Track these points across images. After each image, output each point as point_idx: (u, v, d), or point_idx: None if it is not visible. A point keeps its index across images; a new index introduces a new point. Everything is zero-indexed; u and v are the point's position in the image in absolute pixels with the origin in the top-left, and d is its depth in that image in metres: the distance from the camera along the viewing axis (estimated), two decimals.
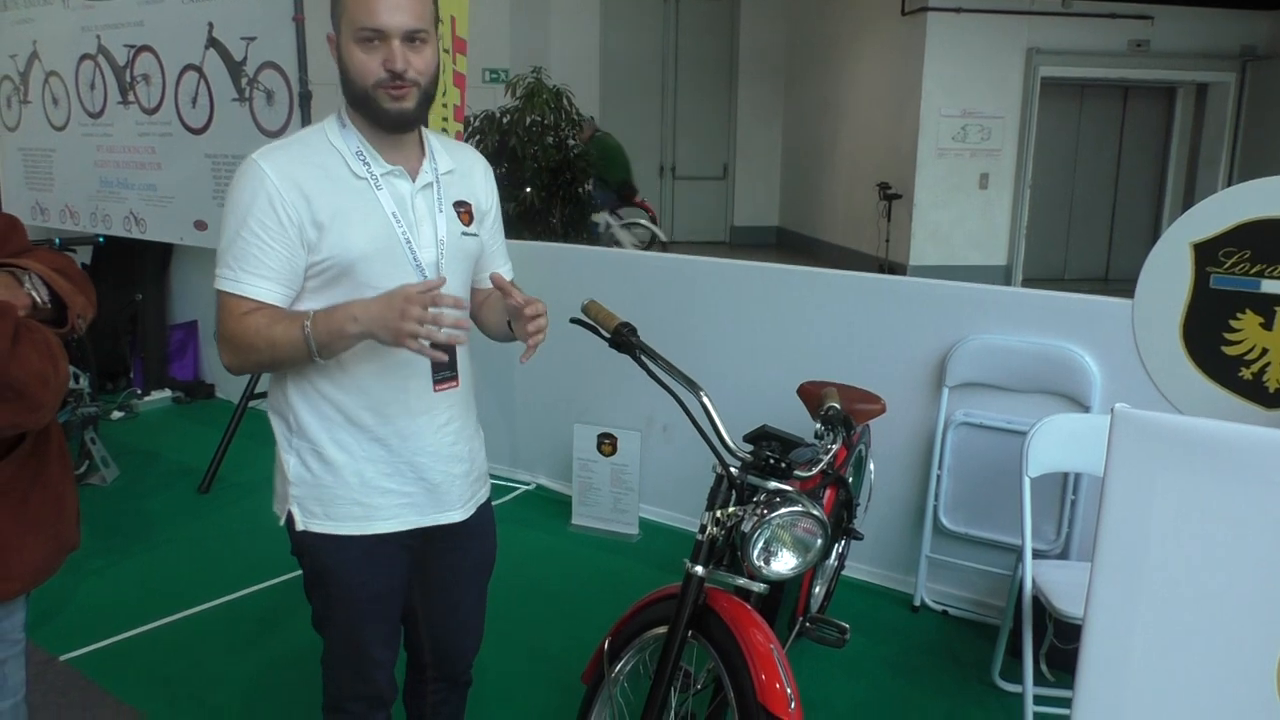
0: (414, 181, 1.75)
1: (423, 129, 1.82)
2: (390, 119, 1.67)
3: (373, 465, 1.76)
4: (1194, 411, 1.68)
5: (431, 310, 1.53)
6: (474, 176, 1.91)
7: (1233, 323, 1.66)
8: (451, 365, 1.81)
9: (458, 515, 1.87)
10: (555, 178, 8.03)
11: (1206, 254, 1.66)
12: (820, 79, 12.51)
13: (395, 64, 1.62)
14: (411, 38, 1.63)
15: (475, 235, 1.86)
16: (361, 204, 1.69)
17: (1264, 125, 10.17)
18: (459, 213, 1.83)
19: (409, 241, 1.72)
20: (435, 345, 1.55)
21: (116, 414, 5.46)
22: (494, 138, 7.84)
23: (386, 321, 1.54)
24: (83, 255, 5.65)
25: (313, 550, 1.80)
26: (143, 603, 3.37)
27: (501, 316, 1.85)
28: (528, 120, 7.88)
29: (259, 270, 1.64)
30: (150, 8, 4.85)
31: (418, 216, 1.75)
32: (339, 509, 1.76)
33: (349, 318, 1.59)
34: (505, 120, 7.91)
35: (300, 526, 1.78)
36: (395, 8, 1.61)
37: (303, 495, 1.77)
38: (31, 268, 1.53)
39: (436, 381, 1.79)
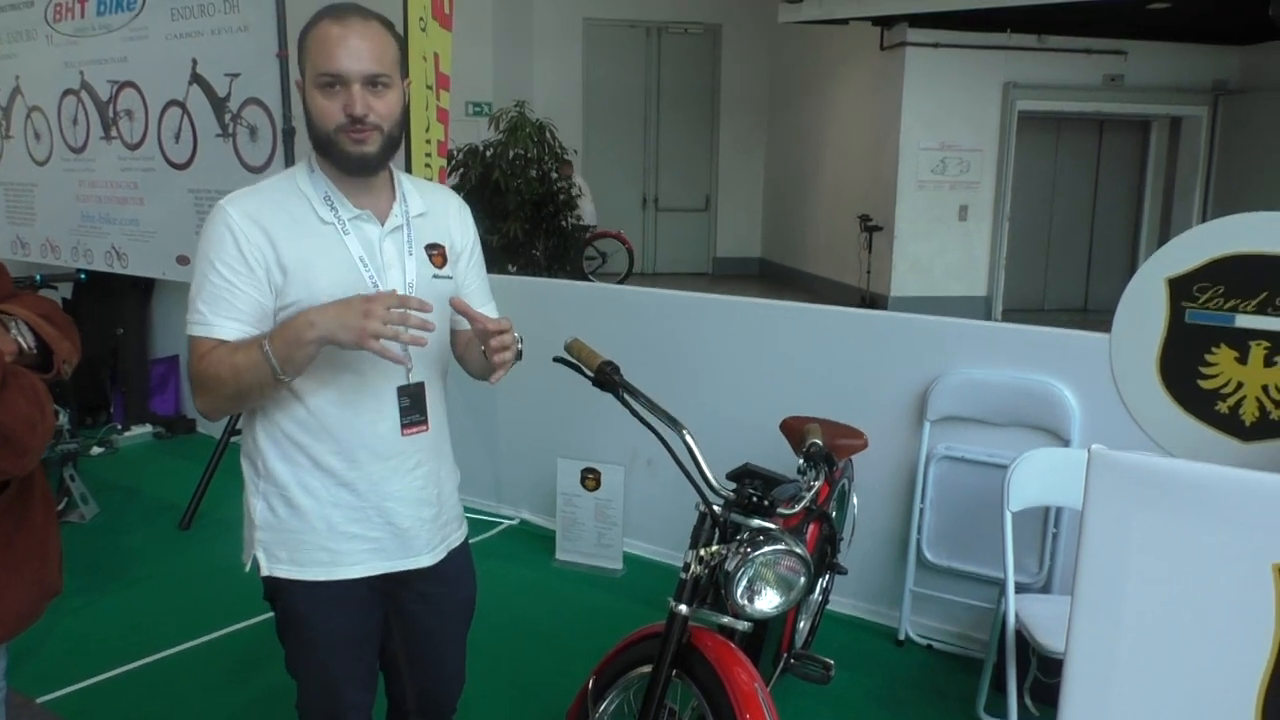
0: (383, 225, 1.75)
1: (395, 171, 1.82)
2: (351, 162, 1.67)
3: (339, 510, 1.75)
4: (1172, 445, 1.70)
5: (395, 310, 1.52)
6: (448, 218, 1.89)
7: (1208, 357, 1.69)
8: (420, 409, 1.79)
9: (426, 560, 1.85)
10: (538, 210, 8.07)
11: (1181, 289, 1.69)
12: (801, 112, 12.65)
13: (354, 109, 1.62)
14: (373, 82, 1.64)
15: (449, 278, 1.85)
16: (328, 248, 1.69)
17: (1236, 158, 10.34)
18: (431, 255, 1.82)
19: (376, 286, 1.71)
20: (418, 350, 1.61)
21: (96, 449, 5.42)
22: (477, 171, 7.89)
23: (346, 321, 1.53)
24: (64, 290, 5.62)
25: (282, 595, 1.79)
26: (122, 642, 3.33)
27: (480, 352, 1.83)
28: (511, 154, 7.95)
29: (228, 313, 1.64)
30: (134, 44, 4.86)
31: (386, 260, 1.74)
32: (304, 554, 1.75)
33: (306, 324, 1.56)
34: (489, 154, 7.97)
35: (265, 571, 1.77)
36: (354, 53, 1.61)
37: (268, 540, 1.77)
38: (17, 314, 1.53)
39: (405, 425, 1.78)
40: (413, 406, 1.78)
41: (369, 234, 1.73)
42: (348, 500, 1.75)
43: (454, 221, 1.91)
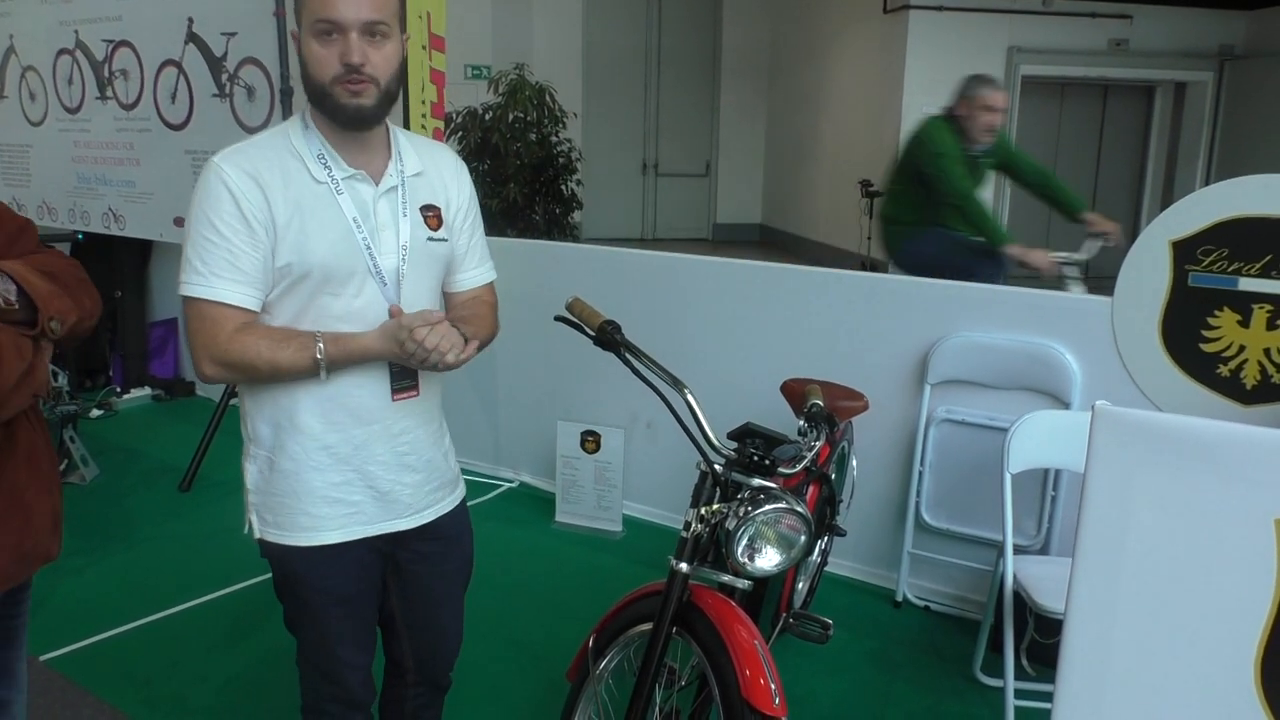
0: (377, 185, 1.72)
1: (392, 128, 1.79)
2: (346, 115, 1.64)
3: (320, 475, 1.74)
4: (1172, 408, 1.70)
5: (428, 342, 1.58)
6: (444, 177, 1.86)
7: (1210, 320, 1.68)
8: (411, 374, 1.78)
9: (405, 524, 1.84)
10: (538, 174, 8.03)
11: (1185, 252, 1.68)
12: (803, 76, 12.53)
13: (352, 57, 1.59)
14: (371, 31, 1.60)
15: (444, 240, 1.82)
16: (321, 209, 1.66)
17: (1241, 124, 10.26)
18: (426, 217, 1.79)
19: (369, 248, 1.69)
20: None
21: (96, 412, 5.42)
22: (476, 134, 7.84)
23: (395, 357, 1.65)
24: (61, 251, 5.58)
25: (276, 557, 1.79)
26: (123, 602, 3.35)
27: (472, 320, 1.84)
28: (510, 117, 7.88)
29: (230, 274, 1.61)
30: (129, 2, 4.80)
31: (380, 222, 1.72)
32: (288, 518, 1.75)
33: (361, 353, 1.65)
34: (488, 117, 7.91)
35: (256, 534, 1.78)
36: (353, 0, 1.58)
37: (259, 504, 1.78)
38: (5, 267, 1.50)
39: (395, 390, 1.77)
40: (404, 371, 1.76)
41: (363, 194, 1.71)
42: (328, 464, 1.74)
43: (450, 181, 1.87)
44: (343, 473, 1.75)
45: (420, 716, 2.08)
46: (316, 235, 1.65)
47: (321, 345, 1.62)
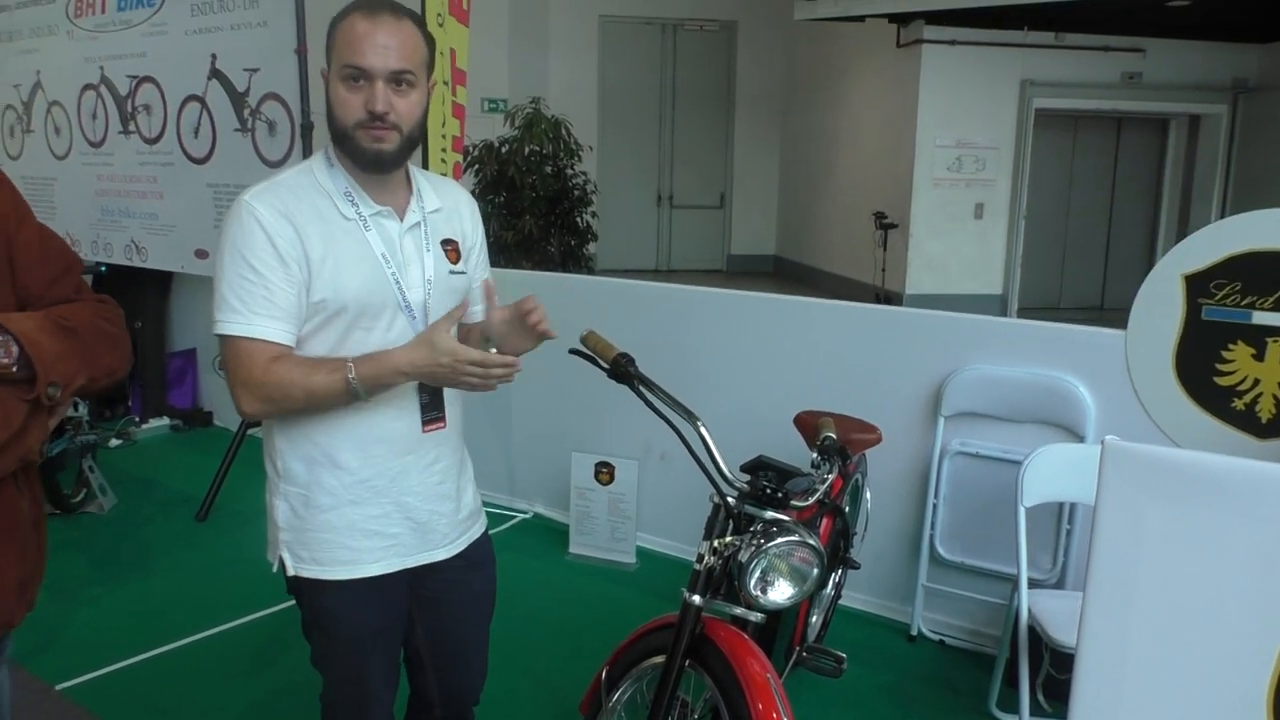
0: (401, 221, 1.76)
1: (410, 166, 1.82)
2: (367, 159, 1.67)
3: (358, 509, 1.75)
4: (1187, 442, 1.70)
5: (480, 371, 1.60)
6: (460, 213, 1.91)
7: (1225, 354, 1.69)
8: (439, 406, 1.81)
9: (442, 554, 1.87)
10: (553, 207, 8.09)
11: (1198, 286, 1.69)
12: (817, 109, 12.62)
13: (376, 105, 1.61)
14: (398, 80, 1.63)
15: (463, 273, 1.86)
16: (352, 245, 1.69)
17: (1256, 156, 10.26)
18: (446, 251, 1.83)
19: (398, 282, 1.72)
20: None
21: (114, 441, 5.47)
22: (493, 167, 7.92)
23: (436, 375, 1.65)
24: None
25: (307, 593, 1.80)
26: (139, 632, 3.36)
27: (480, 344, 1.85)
28: (526, 150, 7.97)
29: (267, 311, 1.63)
30: (153, 39, 4.90)
31: (406, 257, 1.75)
32: (326, 553, 1.76)
33: (395, 371, 1.64)
34: (504, 150, 7.99)
35: (291, 571, 1.79)
36: (383, 48, 1.60)
37: (291, 540, 1.78)
38: (12, 324, 1.44)
39: (425, 422, 1.80)
40: (432, 404, 1.80)
41: (389, 230, 1.74)
42: (366, 498, 1.76)
43: (466, 216, 1.93)
44: (381, 505, 1.77)
45: None
46: (349, 271, 1.68)
47: (352, 365, 1.63)
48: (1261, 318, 1.65)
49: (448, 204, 1.88)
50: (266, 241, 1.62)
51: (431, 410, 1.80)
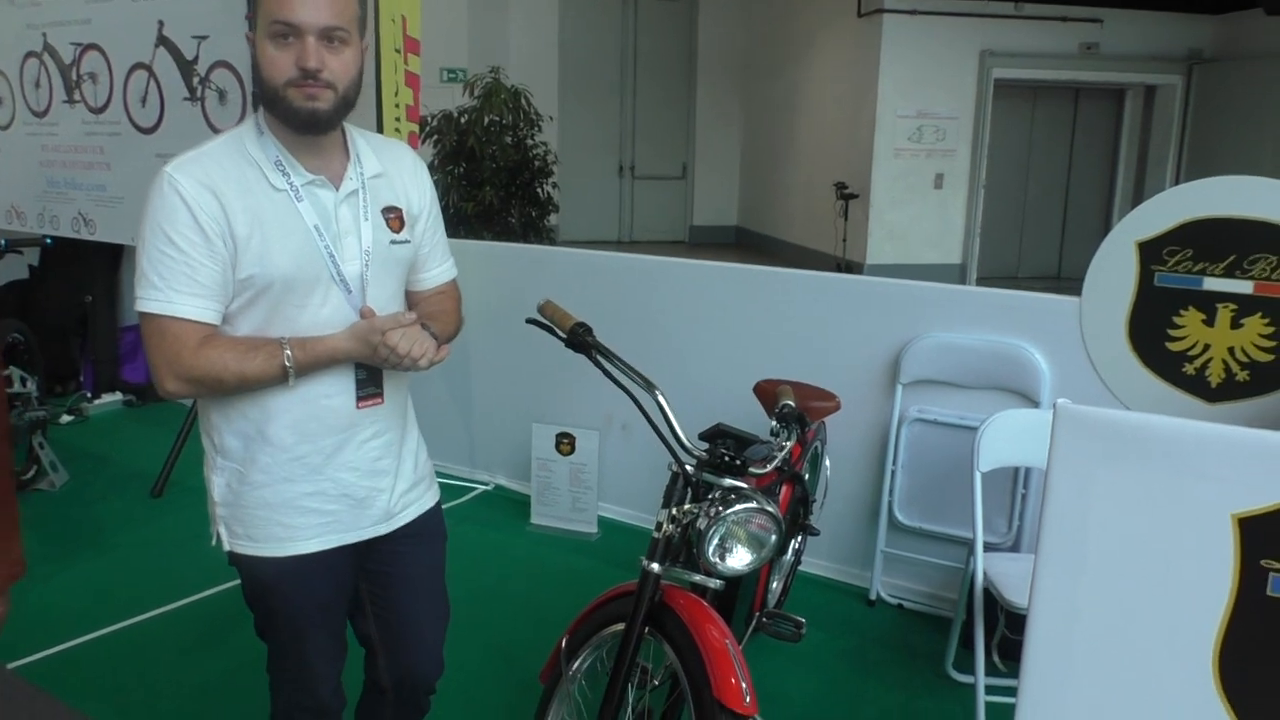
0: (337, 190, 1.69)
1: (348, 128, 1.75)
2: (300, 119, 1.59)
3: (293, 485, 1.72)
4: (1139, 406, 1.72)
5: (400, 347, 1.59)
6: (404, 177, 1.83)
7: (1176, 319, 1.71)
8: (376, 381, 1.77)
9: (384, 528, 1.84)
10: (514, 177, 8.02)
11: (1151, 253, 1.71)
12: (778, 79, 12.60)
13: (309, 61, 1.55)
14: (330, 36, 1.57)
15: (406, 242, 1.80)
16: (282, 218, 1.63)
17: (1209, 127, 10.40)
18: (388, 219, 1.77)
19: (332, 255, 1.67)
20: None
21: (66, 418, 5.34)
22: (452, 138, 7.82)
23: (366, 358, 1.66)
24: (30, 256, 5.54)
25: (245, 568, 1.78)
26: (93, 609, 3.32)
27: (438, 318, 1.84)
28: (486, 120, 7.88)
29: (189, 288, 1.57)
30: (97, 5, 4.76)
31: (341, 228, 1.69)
32: (261, 530, 1.73)
33: (329, 356, 1.64)
34: (463, 120, 7.89)
35: (226, 547, 1.76)
36: (313, 3, 1.54)
37: (228, 516, 1.75)
38: None
39: (360, 399, 1.75)
40: (369, 379, 1.75)
41: (323, 200, 1.68)
42: (301, 474, 1.72)
43: (410, 180, 1.84)
44: (316, 483, 1.74)
45: None
46: (278, 245, 1.61)
47: (289, 352, 1.60)
48: (1212, 284, 1.67)
49: (390, 168, 1.80)
50: (189, 215, 1.56)
51: (368, 386, 1.76)
